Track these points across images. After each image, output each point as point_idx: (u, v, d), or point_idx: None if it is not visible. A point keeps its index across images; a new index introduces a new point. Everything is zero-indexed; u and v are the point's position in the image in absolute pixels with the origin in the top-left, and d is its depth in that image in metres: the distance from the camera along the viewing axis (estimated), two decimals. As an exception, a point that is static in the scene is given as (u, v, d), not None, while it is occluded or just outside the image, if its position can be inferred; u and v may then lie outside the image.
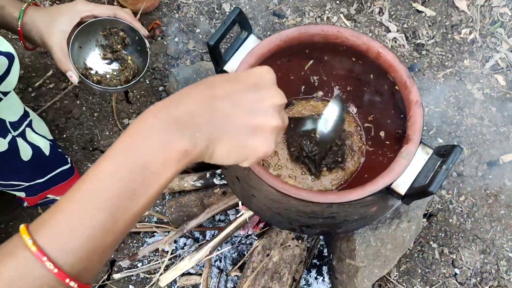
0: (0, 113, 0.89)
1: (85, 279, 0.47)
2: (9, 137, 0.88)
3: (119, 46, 1.05)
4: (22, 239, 0.44)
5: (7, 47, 0.79)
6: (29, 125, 0.98)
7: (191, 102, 0.51)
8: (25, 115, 0.97)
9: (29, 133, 0.97)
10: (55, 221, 0.46)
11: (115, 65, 1.07)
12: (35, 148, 0.97)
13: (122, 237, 0.50)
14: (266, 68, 0.56)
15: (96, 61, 1.06)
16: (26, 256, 0.44)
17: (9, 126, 0.90)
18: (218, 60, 0.85)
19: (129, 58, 1.07)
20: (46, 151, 1.01)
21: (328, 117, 0.87)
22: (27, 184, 1.01)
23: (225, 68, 0.87)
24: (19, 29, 0.94)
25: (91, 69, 1.05)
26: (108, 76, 1.05)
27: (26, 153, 0.94)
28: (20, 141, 0.92)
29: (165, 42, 1.38)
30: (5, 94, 0.85)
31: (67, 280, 0.45)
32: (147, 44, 1.01)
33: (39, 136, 1.00)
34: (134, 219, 0.49)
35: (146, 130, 0.49)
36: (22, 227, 0.46)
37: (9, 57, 0.79)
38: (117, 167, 0.47)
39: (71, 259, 0.45)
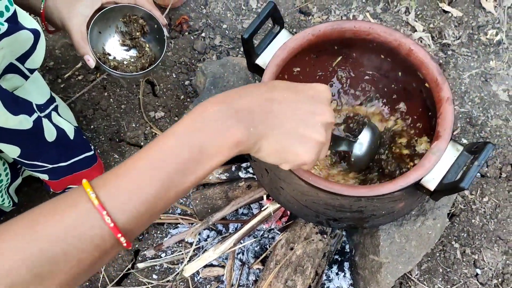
0: (27, 95, 0.90)
1: (131, 237, 0.53)
2: (35, 116, 0.89)
3: (138, 34, 1.07)
4: (86, 192, 0.50)
5: (33, 24, 0.80)
6: (55, 109, 1.00)
7: (251, 99, 0.57)
8: (52, 99, 0.99)
9: (54, 116, 0.99)
10: (117, 182, 0.52)
11: (133, 52, 1.09)
12: (60, 131, 0.98)
13: (169, 206, 0.56)
14: (324, 86, 0.62)
15: (115, 47, 1.08)
16: (87, 208, 0.50)
17: (35, 108, 0.92)
18: (251, 53, 0.87)
19: (147, 45, 1.09)
20: (71, 135, 1.02)
21: (363, 142, 0.89)
22: (51, 166, 1.02)
23: (257, 61, 0.89)
24: (41, 11, 0.95)
25: (109, 54, 1.07)
26: (125, 62, 1.07)
27: (50, 134, 0.95)
28: (45, 121, 0.93)
29: (192, 37, 1.40)
30: (32, 71, 0.85)
31: (119, 235, 0.51)
32: (165, 33, 1.03)
33: (64, 120, 1.02)
34: (183, 193, 0.54)
35: (209, 115, 0.54)
36: (85, 181, 0.51)
37: (35, 33, 0.80)
38: (178, 145, 0.53)
39: (126, 217, 0.51)
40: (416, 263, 1.05)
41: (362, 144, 0.88)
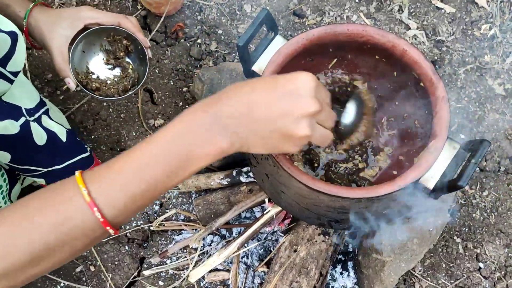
0: (15, 100, 0.90)
1: (118, 226, 0.59)
2: (22, 120, 0.90)
3: (121, 54, 1.07)
4: (78, 188, 0.55)
5: (10, 26, 0.80)
6: (46, 112, 1.00)
7: (234, 103, 0.58)
8: (42, 103, 0.99)
9: (45, 119, 0.98)
10: (108, 179, 0.57)
11: (117, 71, 1.08)
12: (50, 133, 0.98)
13: (155, 200, 0.62)
14: (306, 76, 0.60)
15: (99, 65, 1.07)
16: (80, 203, 0.55)
17: (24, 112, 0.92)
18: (247, 60, 0.88)
19: (130, 67, 1.08)
20: (63, 137, 1.02)
21: (349, 111, 0.88)
22: (45, 169, 1.03)
23: (254, 68, 0.90)
24: (24, 28, 0.95)
25: (93, 73, 1.06)
26: (108, 82, 1.06)
27: (40, 137, 0.96)
28: (34, 125, 0.93)
29: (188, 44, 1.41)
30: (15, 74, 0.85)
31: (108, 228, 0.57)
32: (148, 55, 1.02)
33: (55, 123, 1.01)
34: (168, 189, 0.60)
35: (195, 123, 0.57)
36: (77, 175, 0.57)
37: (12, 35, 0.80)
38: (165, 150, 0.57)
39: (115, 212, 0.57)
40: (419, 260, 1.06)
41: (349, 113, 0.88)
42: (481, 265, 1.20)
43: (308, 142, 0.64)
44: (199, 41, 1.41)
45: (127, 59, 1.08)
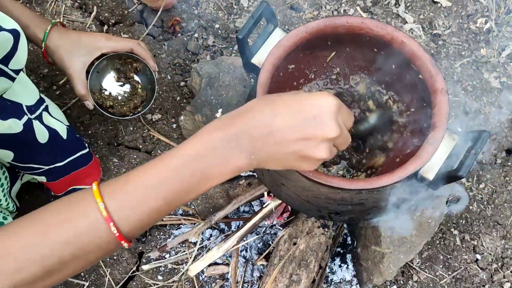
0: (16, 97, 0.90)
1: (132, 239, 0.60)
2: (25, 118, 0.90)
3: (131, 74, 1.19)
4: (95, 201, 0.55)
5: (11, 24, 0.80)
6: (46, 109, 1.01)
7: (253, 124, 0.58)
8: (41, 100, 1.00)
9: (45, 117, 0.99)
10: (125, 194, 0.57)
11: (126, 87, 1.21)
12: (52, 131, 0.99)
13: (168, 214, 0.62)
14: (328, 98, 0.60)
15: (111, 83, 1.19)
16: (97, 218, 0.55)
17: (25, 110, 0.92)
18: (247, 53, 0.88)
19: (139, 86, 1.21)
20: (64, 134, 1.03)
21: (370, 121, 0.91)
22: (47, 167, 1.03)
23: (253, 60, 0.90)
24: (42, 50, 1.02)
25: (105, 90, 1.18)
26: (119, 98, 1.19)
27: (42, 135, 0.96)
28: (36, 123, 0.94)
29: (185, 38, 1.40)
30: (17, 72, 0.86)
31: (122, 242, 0.57)
32: (156, 77, 1.14)
33: (56, 120, 1.02)
34: (182, 204, 0.61)
35: (212, 142, 0.58)
36: (95, 188, 0.57)
37: (14, 33, 0.80)
38: (182, 168, 0.57)
39: (130, 227, 0.57)
40: (417, 251, 1.07)
41: (369, 122, 0.89)
42: (478, 256, 1.22)
43: None
44: (196, 35, 1.40)
45: (136, 78, 1.20)
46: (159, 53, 1.38)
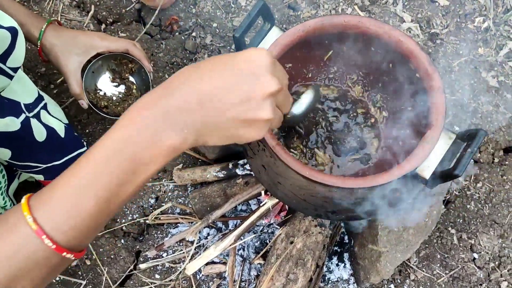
0: (14, 95, 0.91)
1: (80, 248, 0.53)
2: (22, 117, 0.90)
3: (127, 75, 1.20)
4: (23, 216, 0.49)
5: (9, 22, 0.80)
6: (44, 107, 1.01)
7: (181, 96, 0.51)
8: (40, 98, 1.00)
9: (44, 115, 0.99)
10: (53, 202, 0.50)
11: (121, 88, 1.21)
12: (50, 130, 1.00)
13: (113, 215, 0.54)
14: (260, 50, 0.54)
15: (106, 83, 1.19)
16: (27, 233, 0.49)
17: (23, 108, 0.92)
18: (244, 52, 0.87)
19: (134, 87, 1.21)
20: (61, 133, 1.03)
21: (303, 102, 0.86)
22: (45, 166, 1.03)
23: (250, 59, 0.90)
24: (38, 48, 1.02)
25: (100, 90, 1.18)
26: (114, 98, 1.19)
27: (40, 134, 0.96)
28: (34, 121, 0.94)
29: (182, 37, 1.40)
30: (15, 70, 0.85)
31: (64, 254, 0.51)
32: (151, 78, 1.14)
33: (54, 119, 1.03)
34: (125, 202, 0.53)
35: (137, 123, 0.51)
36: (23, 202, 0.51)
37: (12, 31, 0.80)
38: (109, 158, 0.50)
39: (67, 236, 0.51)
40: (414, 250, 1.07)
41: (302, 104, 0.86)
42: (475, 255, 1.22)
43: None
44: (194, 34, 1.40)
45: (131, 79, 1.20)
46: (157, 52, 1.38)
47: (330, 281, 1.19)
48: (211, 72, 0.52)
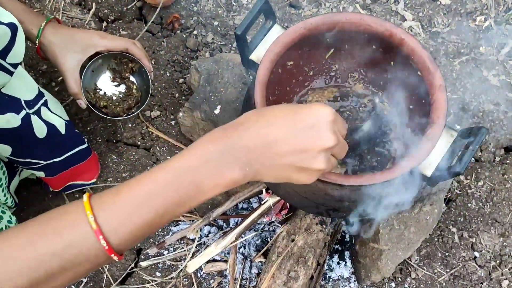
0: (15, 92, 0.90)
1: (122, 252, 0.58)
2: (23, 113, 0.90)
3: (127, 74, 1.18)
4: (85, 213, 0.54)
5: (9, 18, 0.80)
6: (45, 104, 1.00)
7: (248, 136, 0.57)
8: (40, 94, 0.99)
9: (44, 112, 0.99)
10: (115, 207, 0.55)
11: (121, 88, 1.19)
12: (50, 126, 0.99)
13: (161, 227, 0.59)
14: (324, 108, 0.59)
15: (106, 82, 1.18)
16: (86, 230, 0.54)
17: (24, 104, 0.92)
18: (245, 49, 0.87)
19: (134, 87, 1.19)
20: (62, 130, 1.03)
21: (364, 129, 0.90)
22: (45, 162, 1.03)
23: (251, 57, 0.90)
24: (36, 46, 1.01)
25: (100, 89, 1.17)
26: (114, 98, 1.18)
27: (40, 130, 0.96)
28: (34, 118, 0.94)
29: (184, 35, 1.40)
30: (15, 66, 0.85)
31: (112, 255, 0.55)
32: (151, 77, 1.13)
33: (55, 115, 1.02)
34: (174, 218, 0.60)
35: (206, 155, 0.56)
36: (85, 200, 0.55)
37: (12, 27, 0.80)
38: (174, 181, 0.56)
39: (120, 240, 0.55)
40: (415, 248, 1.07)
41: (363, 130, 0.88)
42: (476, 254, 1.22)
43: None
44: (195, 32, 1.40)
45: (131, 78, 1.19)
46: (158, 50, 1.38)
47: (331, 279, 1.19)
48: (279, 120, 0.58)
